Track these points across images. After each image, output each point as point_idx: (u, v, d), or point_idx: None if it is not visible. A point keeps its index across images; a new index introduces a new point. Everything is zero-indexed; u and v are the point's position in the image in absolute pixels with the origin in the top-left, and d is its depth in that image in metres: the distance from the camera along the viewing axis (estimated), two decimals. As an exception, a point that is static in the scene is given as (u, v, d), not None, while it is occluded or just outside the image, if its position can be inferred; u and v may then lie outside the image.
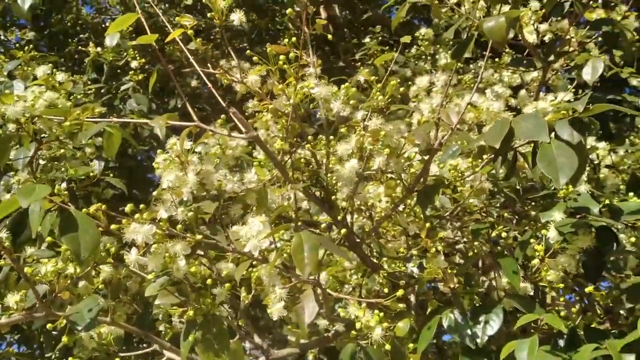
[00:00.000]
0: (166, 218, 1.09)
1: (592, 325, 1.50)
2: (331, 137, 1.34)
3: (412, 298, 1.81)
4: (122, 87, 2.74)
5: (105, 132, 1.27)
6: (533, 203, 1.68)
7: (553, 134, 1.20)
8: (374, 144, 1.24)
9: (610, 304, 1.63)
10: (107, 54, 2.76)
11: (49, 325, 1.13)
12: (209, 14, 1.30)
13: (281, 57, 1.26)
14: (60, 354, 1.76)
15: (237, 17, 1.30)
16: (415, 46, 2.90)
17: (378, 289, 1.81)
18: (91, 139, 1.70)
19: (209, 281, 1.21)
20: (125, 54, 2.81)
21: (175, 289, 1.26)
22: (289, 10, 1.41)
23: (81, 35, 3.57)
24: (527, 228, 1.60)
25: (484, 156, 1.37)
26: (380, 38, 3.23)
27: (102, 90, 2.75)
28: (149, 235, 1.04)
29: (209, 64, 1.29)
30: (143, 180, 2.92)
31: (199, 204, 1.23)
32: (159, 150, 1.38)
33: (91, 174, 1.50)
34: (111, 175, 2.45)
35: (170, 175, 1.32)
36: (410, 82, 2.19)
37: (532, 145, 1.22)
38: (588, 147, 1.99)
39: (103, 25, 3.86)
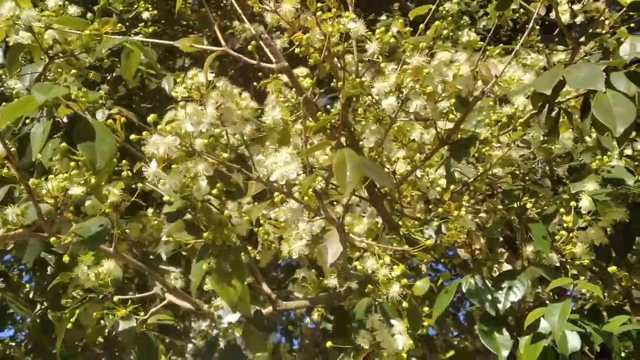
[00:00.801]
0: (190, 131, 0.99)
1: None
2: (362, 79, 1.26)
3: (424, 267, 1.74)
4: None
5: (125, 48, 1.17)
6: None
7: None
8: (414, 83, 1.16)
9: (631, 286, 1.57)
10: (117, 3, 2.65)
11: (52, 240, 1.03)
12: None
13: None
14: (52, 298, 1.66)
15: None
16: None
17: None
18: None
19: (226, 213, 1.12)
20: (136, 5, 2.70)
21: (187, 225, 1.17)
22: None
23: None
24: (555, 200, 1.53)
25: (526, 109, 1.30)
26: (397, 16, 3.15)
27: (109, 41, 2.64)
28: (172, 148, 0.95)
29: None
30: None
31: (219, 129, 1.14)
32: (178, 80, 1.29)
33: (100, 100, 1.40)
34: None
35: (189, 108, 1.24)
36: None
37: (582, 98, 1.15)
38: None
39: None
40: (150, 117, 0.98)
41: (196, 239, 1.12)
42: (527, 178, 1.57)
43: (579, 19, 2.01)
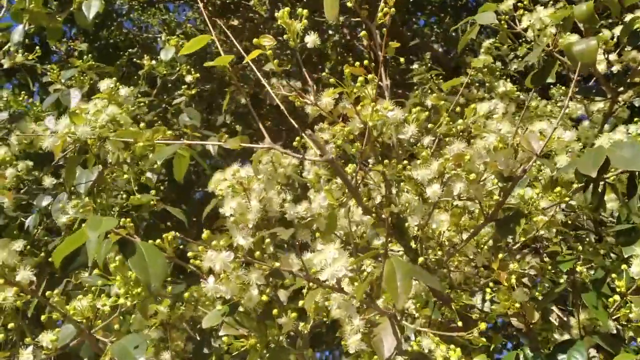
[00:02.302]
0: (243, 245, 1.04)
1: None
2: (405, 161, 1.29)
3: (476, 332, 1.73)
4: (175, 101, 2.74)
5: (177, 155, 1.24)
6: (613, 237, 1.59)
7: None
8: (456, 169, 1.18)
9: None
10: (161, 67, 2.78)
11: None
12: (284, 36, 1.27)
13: (359, 79, 1.22)
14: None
15: (312, 39, 1.27)
16: (466, 74, 2.84)
17: (441, 320, 1.73)
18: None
19: (275, 311, 1.15)
20: (178, 68, 2.82)
21: (235, 321, 1.21)
22: (362, 33, 1.37)
23: (130, 50, 3.61)
24: (602, 266, 1.52)
25: (574, 185, 1.30)
26: (429, 64, 3.19)
27: (154, 103, 2.76)
28: (227, 263, 1.00)
29: (280, 86, 1.26)
30: (189, 195, 2.90)
31: (272, 230, 1.18)
32: (217, 173, 1.35)
33: (152, 202, 1.47)
34: (161, 187, 2.41)
35: (233, 202, 1.29)
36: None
37: (628, 175, 1.14)
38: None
39: (152, 42, 3.90)
40: (205, 234, 1.03)
41: (246, 337, 1.15)
42: (576, 241, 1.56)
43: (615, 68, 2.00)
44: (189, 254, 1.02)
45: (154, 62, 2.79)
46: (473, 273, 1.60)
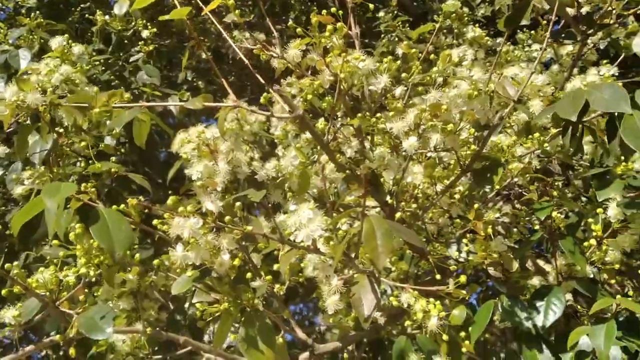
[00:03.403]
0: (212, 210, 0.98)
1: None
2: (378, 114, 1.24)
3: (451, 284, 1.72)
4: (132, 58, 2.60)
5: (136, 119, 1.16)
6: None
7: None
8: (432, 120, 1.13)
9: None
10: (115, 23, 2.62)
11: (57, 337, 1.03)
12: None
13: (328, 28, 1.15)
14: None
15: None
16: (434, 21, 2.77)
17: (417, 273, 1.72)
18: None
19: (248, 275, 1.11)
20: (134, 23, 2.66)
21: (207, 287, 1.16)
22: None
23: (82, 5, 3.40)
24: (577, 209, 1.51)
25: (550, 130, 1.27)
26: (395, 12, 3.09)
27: (110, 61, 2.61)
28: (196, 230, 0.94)
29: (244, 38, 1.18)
30: (152, 156, 2.79)
31: (243, 192, 1.13)
32: (180, 134, 1.28)
33: (113, 169, 1.39)
34: (122, 150, 2.31)
35: (199, 166, 1.23)
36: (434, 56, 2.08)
37: (607, 117, 1.11)
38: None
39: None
40: (171, 200, 0.96)
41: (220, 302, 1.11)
42: (550, 187, 1.55)
43: (584, 10, 1.96)
44: (155, 221, 0.96)
45: (107, 17, 2.64)
46: (448, 224, 1.58)
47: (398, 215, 1.19)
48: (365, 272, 1.08)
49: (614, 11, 1.90)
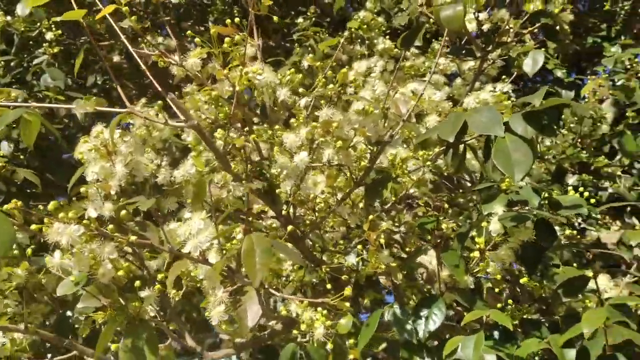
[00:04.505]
0: (93, 216, 0.97)
1: (527, 317, 1.52)
2: (277, 126, 1.26)
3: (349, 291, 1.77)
4: (35, 61, 2.49)
5: (23, 119, 1.12)
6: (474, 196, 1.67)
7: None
8: (324, 136, 1.17)
9: (543, 296, 1.66)
10: (18, 24, 2.51)
11: None
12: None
13: (226, 39, 1.16)
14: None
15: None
16: (348, 31, 2.83)
17: (316, 282, 1.76)
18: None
19: (137, 283, 1.10)
20: (39, 24, 2.56)
21: (98, 291, 1.14)
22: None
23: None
24: (468, 221, 1.60)
25: (435, 149, 1.34)
26: (313, 19, 3.13)
27: (12, 64, 2.49)
28: (75, 237, 0.92)
29: (143, 44, 1.17)
30: (58, 161, 2.68)
31: (132, 200, 1.11)
32: (82, 138, 1.25)
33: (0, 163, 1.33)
34: (22, 157, 2.21)
35: (95, 167, 1.20)
36: (347, 67, 2.13)
37: (485, 138, 1.19)
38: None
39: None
40: (51, 206, 0.94)
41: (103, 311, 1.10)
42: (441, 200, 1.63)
43: (485, 27, 2.07)
44: (33, 226, 0.93)
45: (9, 17, 2.51)
46: (347, 233, 1.63)
47: (290, 228, 1.21)
48: (251, 284, 1.11)
49: (511, 30, 2.03)
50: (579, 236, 1.75)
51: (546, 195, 1.54)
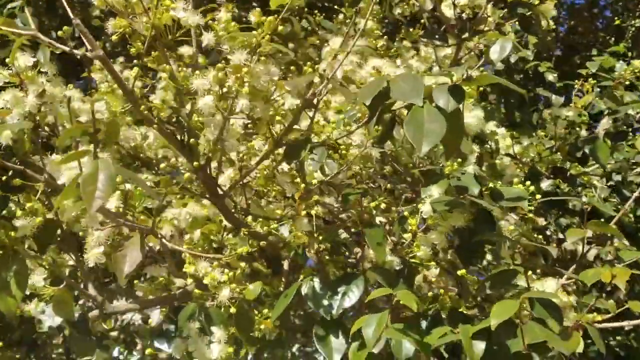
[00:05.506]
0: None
1: (460, 310, 1.44)
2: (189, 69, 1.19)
3: (286, 264, 1.71)
4: (9, 5, 2.42)
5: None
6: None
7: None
8: (237, 83, 1.09)
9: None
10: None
11: None
12: None
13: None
14: None
15: None
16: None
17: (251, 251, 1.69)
18: None
19: (18, 213, 1.04)
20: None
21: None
22: None
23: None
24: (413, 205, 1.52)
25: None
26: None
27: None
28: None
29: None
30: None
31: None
32: None
33: None
34: None
35: (7, 95, 1.16)
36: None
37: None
38: (487, 131, 1.94)
39: None
40: None
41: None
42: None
43: (466, 14, 1.98)
44: None
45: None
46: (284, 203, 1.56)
47: (186, 176, 1.15)
48: (139, 228, 1.04)
49: (490, 18, 1.94)
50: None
51: (490, 185, 1.47)
